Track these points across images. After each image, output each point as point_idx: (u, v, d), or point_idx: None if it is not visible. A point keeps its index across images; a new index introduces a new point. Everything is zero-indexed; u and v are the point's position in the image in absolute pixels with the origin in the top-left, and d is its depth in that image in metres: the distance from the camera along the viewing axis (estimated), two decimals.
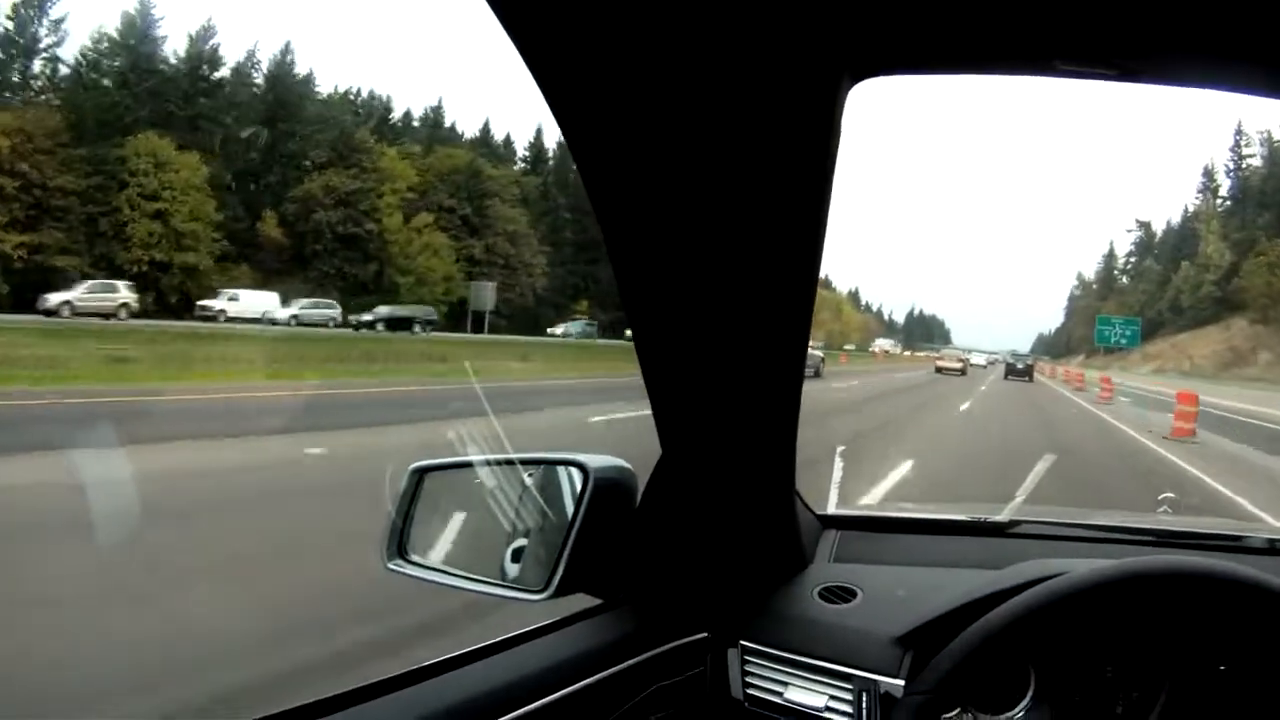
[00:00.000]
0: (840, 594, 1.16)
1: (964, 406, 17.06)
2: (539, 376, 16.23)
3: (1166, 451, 11.47)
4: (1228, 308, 55.97)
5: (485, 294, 43.06)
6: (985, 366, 49.04)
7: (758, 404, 0.91)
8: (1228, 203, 64.88)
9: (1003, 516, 1.41)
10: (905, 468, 8.27)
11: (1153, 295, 70.86)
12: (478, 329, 39.90)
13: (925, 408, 16.56)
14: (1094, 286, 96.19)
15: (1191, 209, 71.86)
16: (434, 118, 53.89)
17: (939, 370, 35.33)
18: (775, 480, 1.05)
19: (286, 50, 41.94)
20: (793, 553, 1.19)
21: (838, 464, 1.86)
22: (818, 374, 23.60)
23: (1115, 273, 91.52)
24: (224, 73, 38.86)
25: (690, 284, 0.77)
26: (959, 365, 36.98)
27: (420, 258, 41.72)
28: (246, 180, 37.71)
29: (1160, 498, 4.58)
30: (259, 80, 41.19)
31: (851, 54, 0.60)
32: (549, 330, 42.27)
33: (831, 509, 1.44)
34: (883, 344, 61.90)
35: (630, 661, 1.01)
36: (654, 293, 0.80)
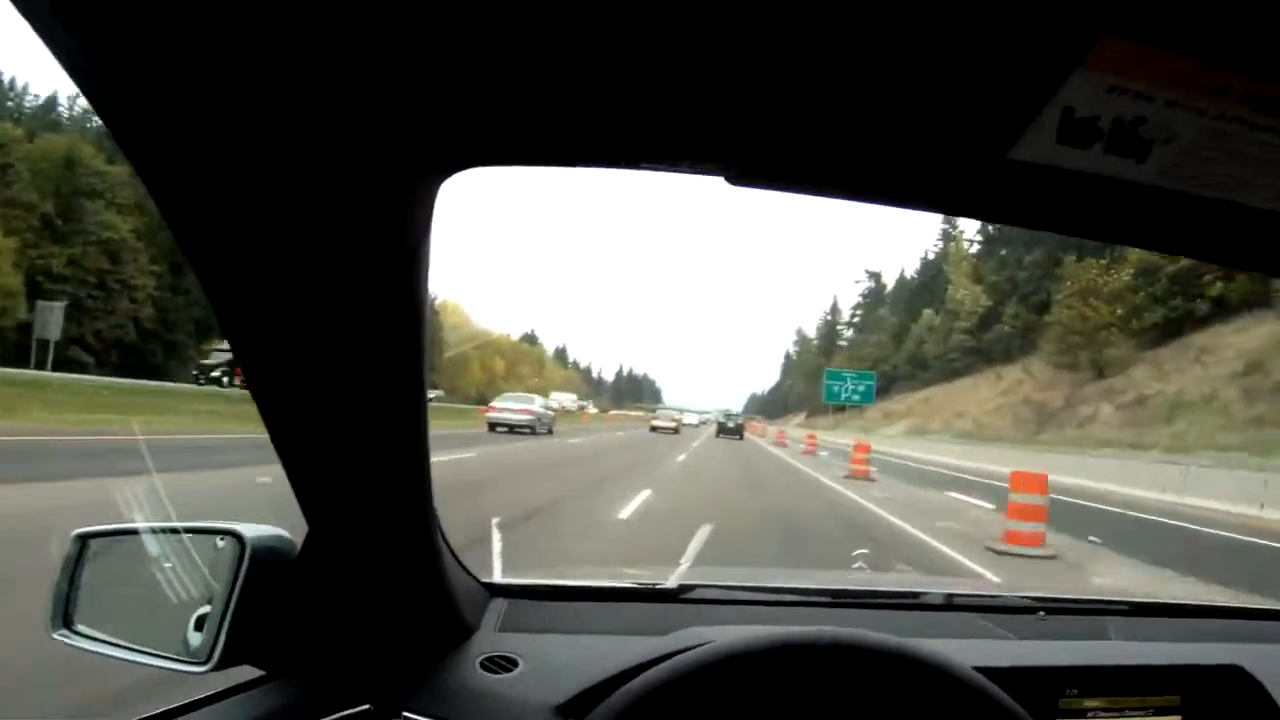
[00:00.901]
0: (503, 663, 1.16)
1: (680, 459, 19.49)
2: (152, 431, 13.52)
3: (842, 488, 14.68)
4: (983, 359, 52.47)
5: (50, 317, 33.67)
6: (698, 425, 54.53)
7: (385, 482, 0.92)
8: (975, 246, 62.55)
9: (671, 583, 1.45)
10: (644, 496, 10.37)
11: (887, 348, 68.84)
12: (40, 363, 31.69)
13: (648, 462, 18.38)
14: (815, 342, 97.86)
15: (932, 255, 71.18)
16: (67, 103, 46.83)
17: (654, 429, 38.65)
18: (423, 550, 1.05)
19: None
20: (455, 622, 1.19)
21: (495, 536, 1.70)
22: (550, 431, 26.44)
23: (840, 327, 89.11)
24: None
25: (296, 368, 0.77)
26: (673, 425, 40.72)
27: None
28: None
29: (855, 554, 4.87)
30: None
31: (434, 153, 0.61)
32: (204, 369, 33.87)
33: (498, 577, 1.43)
34: (560, 398, 56.64)
35: None
36: (266, 373, 0.78)
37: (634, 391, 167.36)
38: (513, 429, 24.42)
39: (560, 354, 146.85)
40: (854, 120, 0.55)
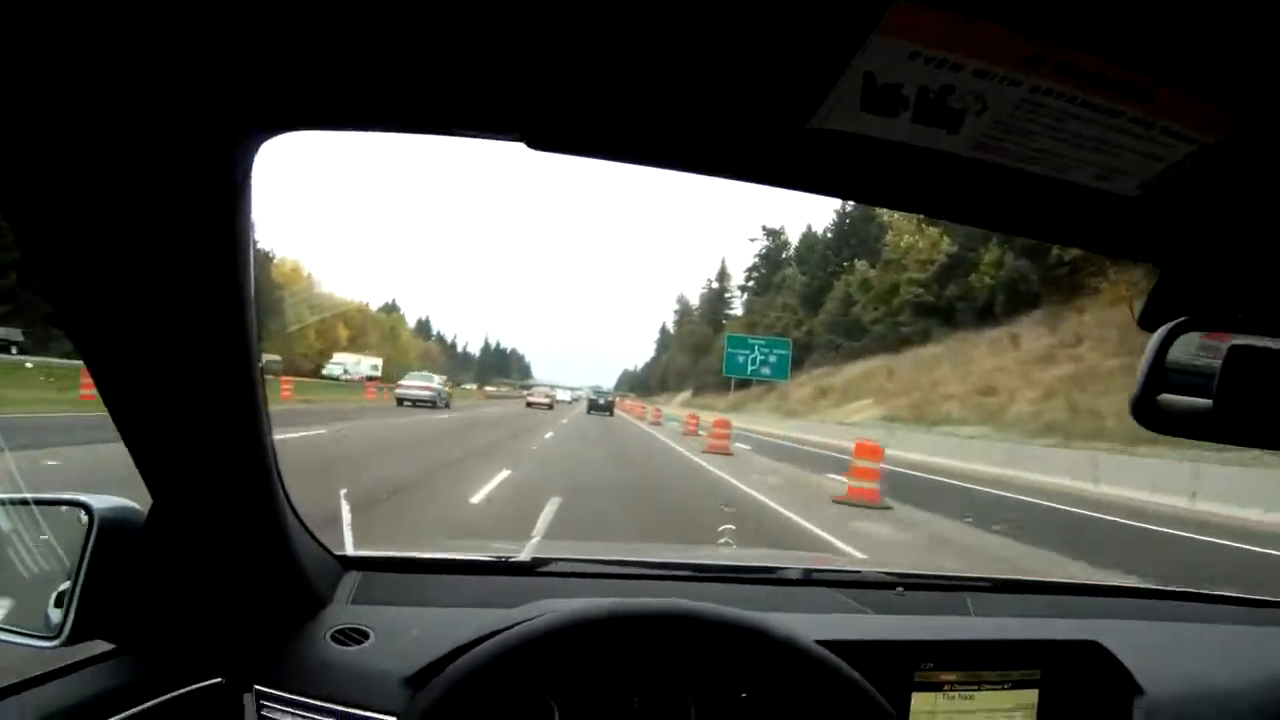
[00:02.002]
0: (354, 636, 1.17)
1: (548, 436, 19.56)
2: None
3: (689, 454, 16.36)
4: (945, 320, 39.81)
5: None
6: (570, 402, 55.60)
7: (223, 453, 0.91)
8: None
9: (524, 556, 1.49)
10: (504, 474, 10.13)
11: (798, 312, 57.53)
12: None
13: (523, 433, 19.33)
14: (697, 311, 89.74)
15: (852, 205, 58.41)
16: None
17: (529, 405, 41.30)
18: (269, 522, 1.04)
19: None
20: (306, 595, 1.19)
21: (344, 507, 1.74)
22: (448, 405, 31.01)
23: (729, 295, 79.20)
24: None
25: (122, 336, 0.76)
26: (547, 401, 43.04)
27: None
28: None
29: (721, 529, 4.93)
30: None
31: (245, 115, 0.61)
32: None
33: (350, 550, 1.41)
34: (344, 359, 56.00)
35: (140, 707, 0.98)
36: (94, 343, 0.76)
37: (501, 367, 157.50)
38: (416, 403, 28.44)
39: (423, 326, 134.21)
40: (649, 86, 0.55)
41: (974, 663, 1.22)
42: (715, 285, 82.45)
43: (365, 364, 65.52)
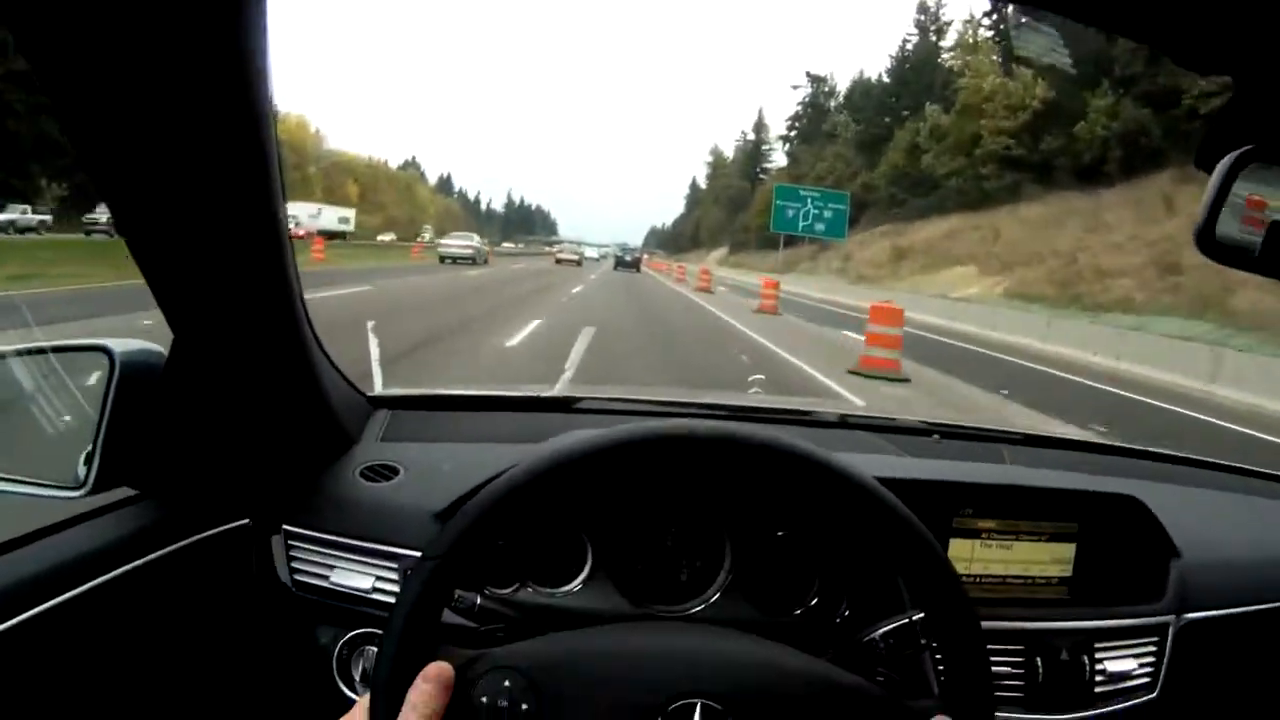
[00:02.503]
0: (383, 472, 1.16)
1: (576, 290, 22.02)
2: None
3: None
4: (1038, 176, 32.68)
5: None
6: (598, 259, 57.34)
7: (247, 283, 0.88)
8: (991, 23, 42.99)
9: (555, 392, 1.48)
10: (537, 323, 10.99)
11: (853, 162, 50.34)
12: None
13: (554, 286, 22.24)
14: (731, 164, 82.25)
15: (910, 46, 52.14)
16: None
17: (559, 261, 43.55)
18: (295, 359, 1.01)
19: None
20: (334, 433, 1.18)
21: (373, 344, 1.78)
22: (485, 262, 35.01)
23: (767, 147, 73.45)
24: None
25: (143, 163, 0.73)
26: (575, 257, 45.71)
27: None
28: None
29: (751, 379, 4.80)
30: None
31: None
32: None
33: (379, 389, 1.40)
34: (298, 210, 48.87)
35: (167, 550, 0.98)
36: (114, 172, 0.74)
37: (526, 224, 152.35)
38: (456, 260, 32.18)
39: (445, 183, 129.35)
40: None
41: (1012, 511, 1.20)
42: (752, 137, 75.48)
43: (329, 215, 55.64)
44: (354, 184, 71.34)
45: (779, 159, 70.84)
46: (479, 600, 0.87)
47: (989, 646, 0.73)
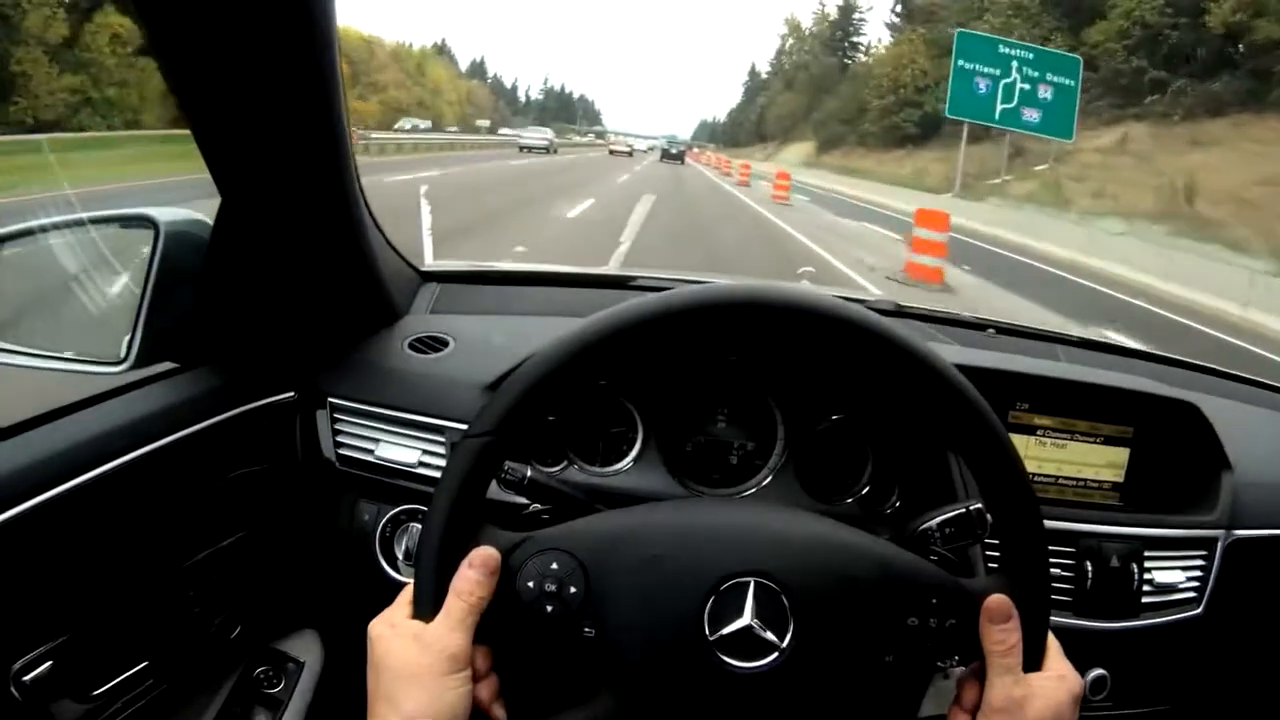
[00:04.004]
0: (432, 344, 1.14)
1: (637, 168, 27.47)
2: None
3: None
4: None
5: None
6: (646, 151, 61.26)
7: (298, 143, 0.86)
8: None
9: (609, 269, 1.58)
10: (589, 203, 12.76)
11: (1038, 23, 27.22)
12: None
13: (612, 169, 27.15)
14: (808, 37, 63.14)
15: None
16: None
17: (612, 153, 50.66)
18: (344, 227, 0.98)
19: None
20: (382, 304, 1.16)
21: (425, 208, 1.78)
22: (555, 151, 41.68)
23: (860, 17, 52.17)
24: None
25: (202, 30, 0.72)
26: (628, 149, 54.51)
27: None
28: None
29: (800, 271, 4.32)
30: None
31: None
32: None
33: (430, 262, 1.36)
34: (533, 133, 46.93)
35: (210, 421, 0.97)
36: (168, 25, 0.72)
37: (566, 113, 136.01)
38: (532, 149, 38.56)
39: (477, 68, 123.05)
40: None
41: (1069, 410, 1.18)
42: (840, 6, 58.45)
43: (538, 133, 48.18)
44: (344, 63, 58.62)
45: (878, 33, 54.92)
46: (528, 473, 0.80)
47: None
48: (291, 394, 1.07)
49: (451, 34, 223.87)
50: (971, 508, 0.79)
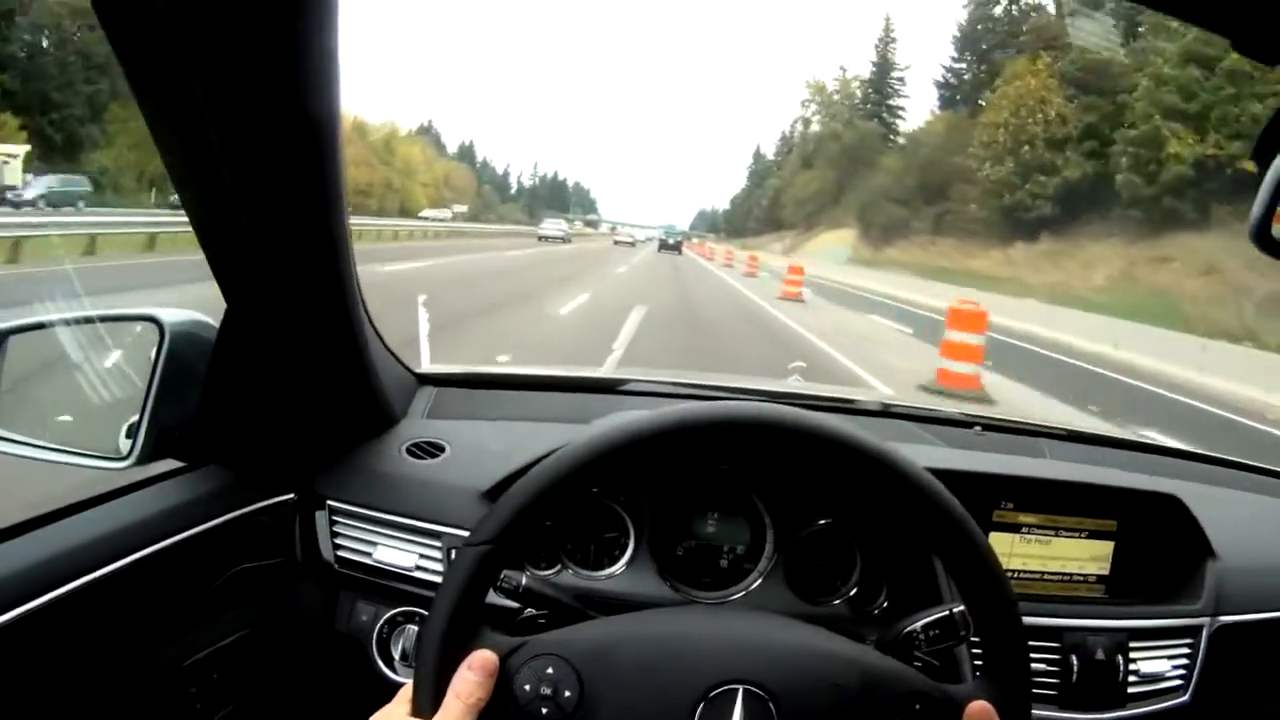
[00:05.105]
0: (429, 450, 1.17)
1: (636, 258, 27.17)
2: None
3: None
4: None
5: None
6: (645, 241, 60.26)
7: (302, 254, 0.88)
8: None
9: (601, 373, 1.52)
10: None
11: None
12: None
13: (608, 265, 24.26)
14: (836, 102, 51.47)
15: None
16: None
17: (616, 243, 49.25)
18: (345, 333, 1.01)
19: None
20: (380, 409, 1.18)
21: (422, 315, 1.81)
22: (569, 240, 45.24)
23: (898, 73, 44.81)
24: None
25: (211, 130, 0.73)
26: (631, 240, 53.44)
27: None
28: None
29: (791, 366, 4.36)
30: None
31: None
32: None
33: (427, 366, 1.41)
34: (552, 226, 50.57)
35: (212, 523, 0.99)
36: (175, 137, 0.75)
37: (559, 200, 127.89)
38: (549, 239, 42.26)
39: (466, 151, 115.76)
40: None
41: (1052, 506, 1.20)
42: (875, 64, 49.24)
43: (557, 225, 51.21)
44: None
45: (922, 95, 46.15)
46: (524, 581, 0.81)
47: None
48: (291, 495, 1.09)
49: (439, 116, 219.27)
50: (955, 610, 0.80)
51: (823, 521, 1.12)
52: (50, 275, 8.52)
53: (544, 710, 0.66)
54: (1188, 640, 1.14)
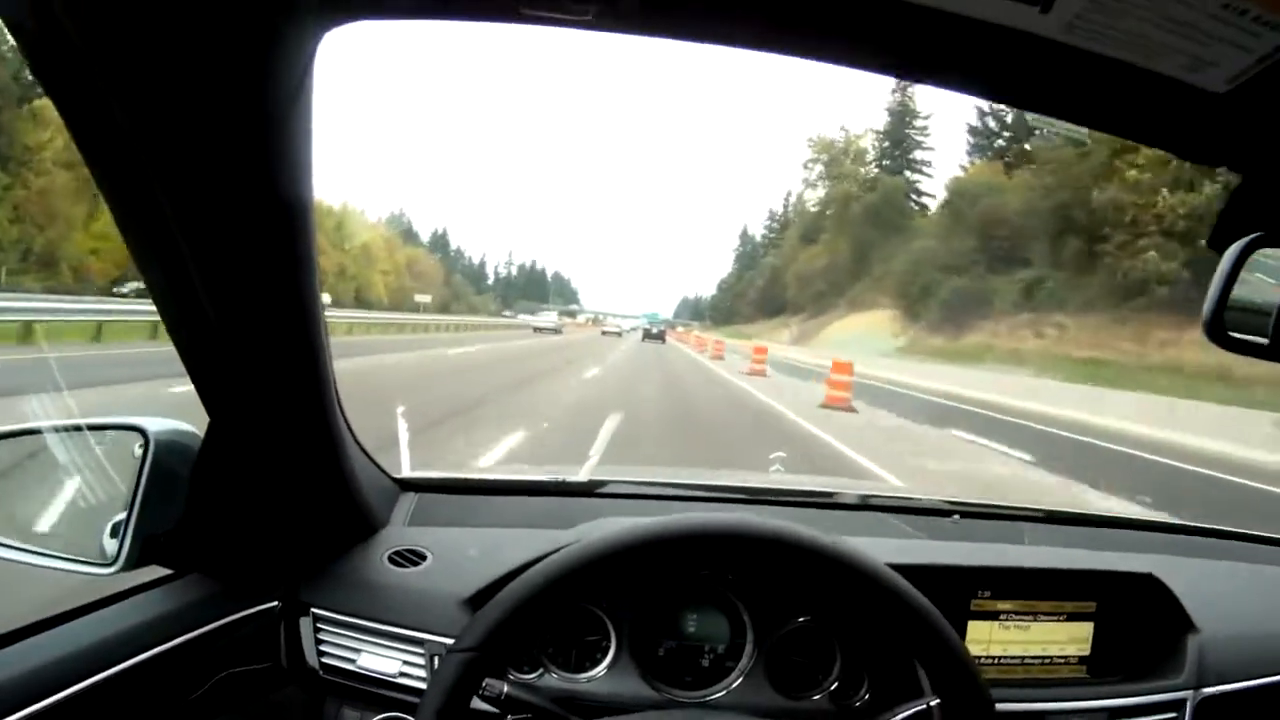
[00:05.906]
0: (411, 557, 1.18)
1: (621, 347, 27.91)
2: None
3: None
4: None
5: None
6: (631, 330, 60.85)
7: (282, 371, 0.90)
8: None
9: (582, 477, 1.48)
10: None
11: None
12: None
13: (602, 350, 26.24)
14: (848, 160, 43.67)
15: None
16: None
17: (604, 334, 50.34)
18: (326, 444, 1.03)
19: None
20: (362, 517, 1.20)
21: (401, 426, 1.77)
22: (560, 331, 45.62)
23: (916, 127, 39.25)
24: None
25: (179, 246, 0.74)
26: (618, 330, 54.56)
27: None
28: None
29: (772, 456, 4.54)
30: None
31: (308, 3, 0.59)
32: None
33: (407, 472, 1.42)
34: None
35: (198, 631, 1.00)
36: (152, 254, 0.76)
37: (536, 289, 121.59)
38: (542, 330, 43.75)
39: (439, 240, 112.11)
40: None
41: (1030, 592, 1.21)
42: (891, 112, 42.53)
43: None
44: None
45: (950, 150, 40.26)
46: (506, 689, 0.84)
47: None
48: (275, 603, 1.10)
49: (411, 204, 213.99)
50: (931, 704, 0.82)
51: (801, 619, 1.14)
52: None
53: None
54: (1172, 715, 1.15)
